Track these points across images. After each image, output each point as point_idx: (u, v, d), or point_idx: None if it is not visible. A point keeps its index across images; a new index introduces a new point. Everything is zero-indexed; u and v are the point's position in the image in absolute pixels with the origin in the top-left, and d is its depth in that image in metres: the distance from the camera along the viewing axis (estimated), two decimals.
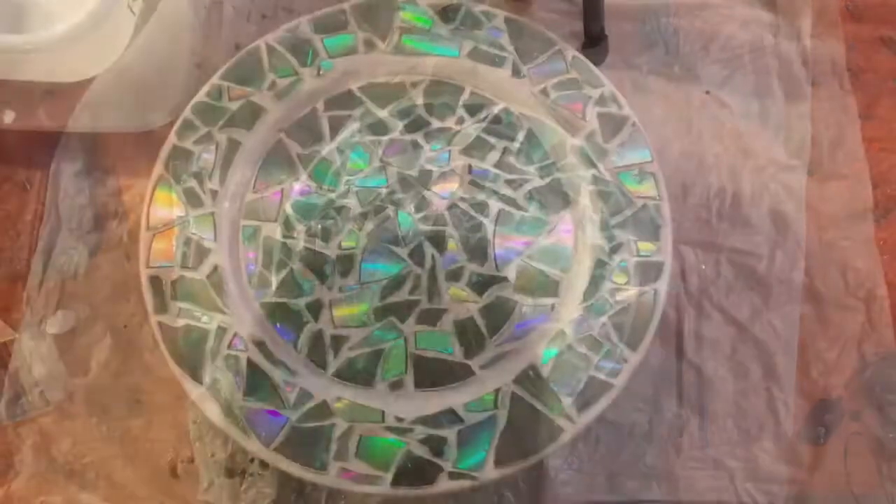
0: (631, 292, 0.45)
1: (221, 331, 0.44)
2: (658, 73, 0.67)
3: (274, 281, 0.46)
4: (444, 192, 0.48)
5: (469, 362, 0.44)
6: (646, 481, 0.57)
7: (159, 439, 0.57)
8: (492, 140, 0.49)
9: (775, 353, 0.60)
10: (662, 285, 0.45)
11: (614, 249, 0.46)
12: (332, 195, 0.48)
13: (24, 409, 0.58)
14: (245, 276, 0.46)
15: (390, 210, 0.48)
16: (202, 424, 0.56)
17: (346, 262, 0.46)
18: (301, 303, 0.45)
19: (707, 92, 0.67)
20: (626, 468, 0.57)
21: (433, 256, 0.47)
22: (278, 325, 0.45)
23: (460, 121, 0.49)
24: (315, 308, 0.45)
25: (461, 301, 0.46)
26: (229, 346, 0.43)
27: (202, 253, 0.45)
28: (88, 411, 0.58)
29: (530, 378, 0.43)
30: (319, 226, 0.47)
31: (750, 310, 0.61)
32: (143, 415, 0.58)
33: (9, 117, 0.64)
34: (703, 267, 0.61)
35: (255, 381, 0.43)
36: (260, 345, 0.44)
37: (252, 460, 0.56)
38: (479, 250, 0.47)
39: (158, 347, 0.59)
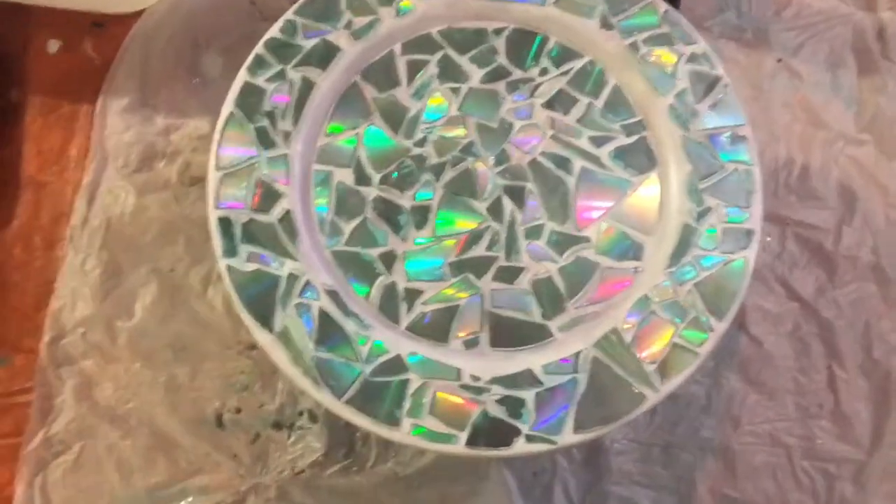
0: (719, 259, 0.43)
1: (293, 278, 0.42)
2: (729, 37, 0.65)
3: (346, 229, 0.44)
4: (525, 145, 0.46)
5: (548, 323, 0.43)
6: (701, 454, 0.56)
7: (205, 388, 0.56)
8: (576, 94, 0.47)
9: (838, 331, 0.59)
10: (752, 254, 0.44)
11: (703, 214, 0.44)
12: (408, 143, 0.46)
13: (65, 351, 0.57)
14: (316, 222, 0.44)
15: (469, 162, 0.46)
16: (252, 375, 0.55)
17: (421, 214, 0.44)
18: (374, 253, 0.44)
19: (779, 60, 0.65)
20: (683, 440, 0.56)
21: (512, 212, 0.45)
22: (350, 275, 0.43)
23: (544, 72, 0.47)
24: (388, 259, 0.44)
25: (540, 260, 0.44)
26: (300, 294, 0.42)
27: (273, 196, 0.43)
28: (132, 356, 0.56)
29: (612, 343, 0.42)
30: (395, 174, 0.45)
31: (814, 286, 0.60)
32: (188, 362, 0.56)
33: (53, 47, 0.62)
34: (769, 239, 0.60)
35: (328, 332, 0.41)
36: (332, 294, 0.42)
37: (301, 413, 0.55)
38: (560, 208, 0.45)
39: (206, 294, 0.58)
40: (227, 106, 0.45)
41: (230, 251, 0.42)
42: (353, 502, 0.54)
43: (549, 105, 0.47)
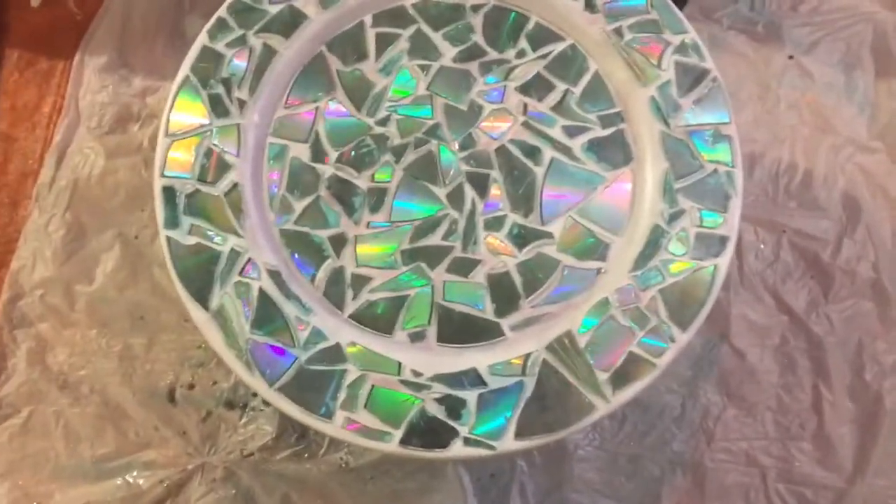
0: (687, 265, 0.41)
1: (235, 254, 0.40)
2: (739, 29, 0.62)
3: (297, 207, 0.42)
4: (494, 131, 0.44)
5: (500, 321, 0.41)
6: (670, 468, 0.54)
7: (160, 360, 0.55)
8: (553, 80, 0.45)
9: (828, 348, 0.56)
10: (724, 262, 0.41)
11: (675, 216, 0.42)
12: (371, 121, 0.44)
13: (22, 312, 0.56)
14: (266, 198, 0.42)
15: (432, 144, 0.43)
16: (207, 350, 0.54)
17: (377, 197, 0.42)
18: (324, 235, 0.42)
19: (790, 57, 0.62)
20: (651, 452, 0.54)
21: (473, 200, 0.43)
22: (296, 255, 0.41)
23: (521, 54, 0.45)
24: (338, 242, 0.42)
25: (498, 253, 0.42)
26: (241, 273, 0.40)
27: (223, 167, 0.42)
28: (89, 322, 0.55)
29: (565, 346, 0.40)
30: (353, 153, 0.43)
31: (807, 299, 0.57)
32: (145, 333, 0.55)
33: (36, 0, 0.60)
34: (763, 247, 0.57)
35: (266, 314, 0.39)
36: (274, 275, 0.40)
37: (255, 395, 0.54)
38: (524, 200, 0.43)
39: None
40: (183, 70, 0.43)
41: (172, 222, 0.41)
42: (301, 489, 0.52)
43: (524, 90, 0.45)
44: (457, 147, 0.44)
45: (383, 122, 0.44)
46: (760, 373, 0.55)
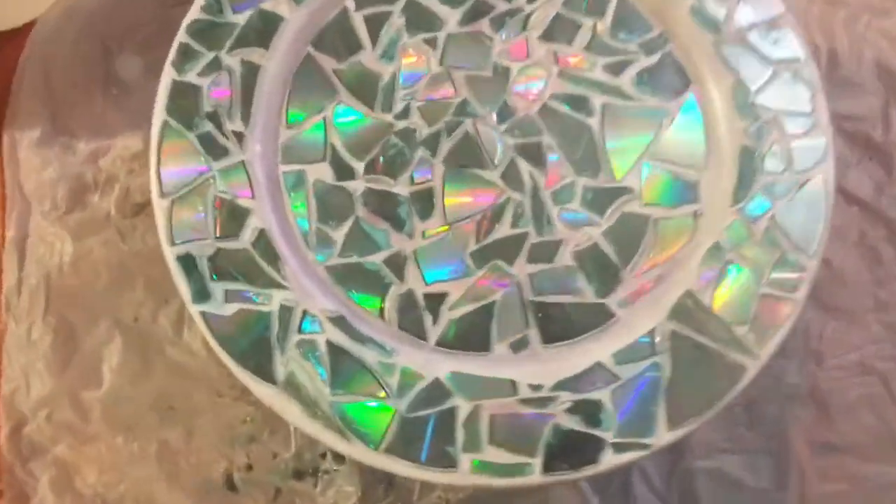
0: (793, 181, 0.36)
1: (286, 311, 0.34)
2: None
3: (337, 237, 0.36)
4: (530, 92, 0.38)
5: (604, 301, 0.35)
6: (788, 403, 0.49)
7: (205, 448, 0.48)
8: (576, 17, 0.39)
9: None
10: (829, 167, 0.36)
11: (760, 131, 0.36)
12: (389, 117, 0.37)
13: (31, 440, 0.48)
14: (299, 236, 0.36)
15: (467, 125, 0.37)
16: (256, 422, 0.47)
17: (424, 200, 0.36)
18: (377, 260, 0.36)
19: None
20: (764, 392, 0.49)
21: (532, 175, 0.37)
22: (355, 292, 0.35)
23: None
24: (396, 264, 0.36)
25: (578, 226, 0.36)
26: (300, 330, 0.33)
27: (240, 215, 0.35)
28: (111, 430, 0.48)
29: (689, 309, 0.34)
30: (381, 159, 0.37)
31: (872, 185, 0.53)
32: (179, 423, 0.48)
33: None
34: None
35: (343, 368, 0.33)
36: (338, 321, 0.34)
37: (324, 455, 0.47)
38: (588, 159, 0.37)
39: (181, 338, 0.49)
40: (158, 115, 0.36)
41: (201, 294, 0.34)
42: None
43: (548, 36, 0.39)
44: (494, 120, 0.38)
45: (404, 114, 0.38)
46: (849, 275, 0.51)
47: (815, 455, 0.48)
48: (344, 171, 0.37)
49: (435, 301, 0.36)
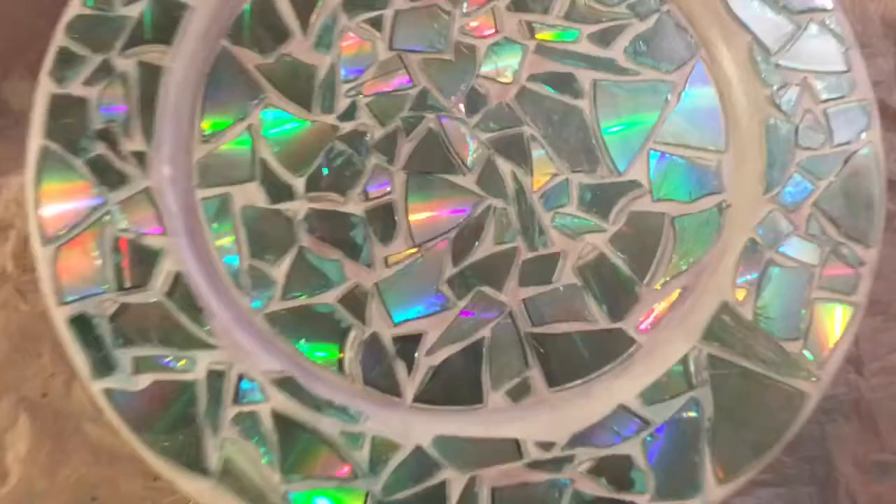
0: (835, 157, 0.29)
1: (216, 377, 0.26)
2: None
3: (277, 275, 0.28)
4: (503, 73, 0.30)
5: (621, 326, 0.28)
6: (829, 419, 0.42)
7: None
8: None
9: None
10: (876, 135, 0.29)
11: (787, 98, 0.29)
12: (331, 119, 0.30)
13: None
14: (228, 278, 0.28)
15: (430, 120, 0.30)
16: None
17: (383, 218, 0.29)
18: (330, 299, 0.28)
19: None
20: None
21: (515, 176, 0.29)
22: (305, 342, 0.27)
23: None
24: (355, 302, 0.28)
25: (579, 234, 0.29)
26: (236, 400, 0.26)
27: (148, 257, 0.27)
28: None
29: (728, 327, 0.27)
30: (325, 171, 0.29)
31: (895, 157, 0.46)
32: None
33: None
34: None
35: (296, 445, 0.25)
36: (285, 384, 0.26)
37: None
38: (581, 149, 0.30)
39: (103, 414, 0.41)
40: (34, 139, 0.28)
41: (103, 366, 0.26)
42: None
43: (519, 5, 0.32)
44: (463, 111, 0.30)
45: (349, 114, 0.30)
46: (882, 263, 0.44)
47: (867, 478, 0.41)
48: (280, 191, 0.29)
49: (408, 345, 0.28)
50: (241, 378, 0.27)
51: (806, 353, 0.27)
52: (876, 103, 0.45)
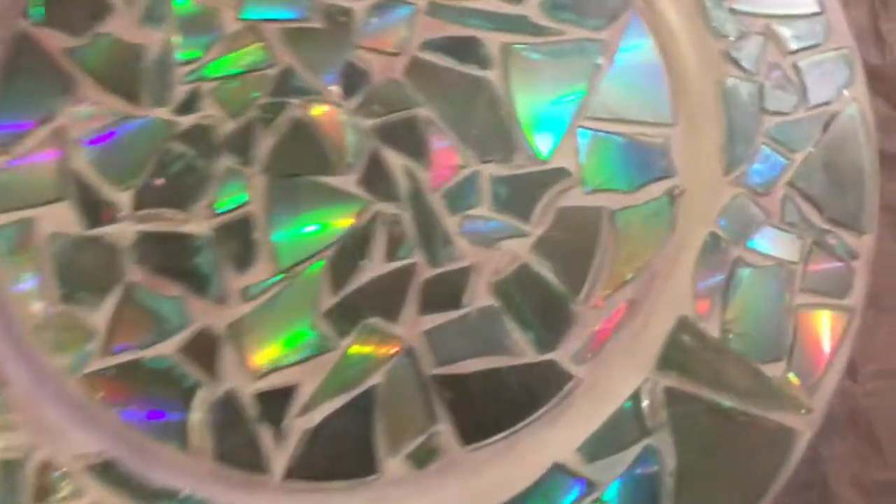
0: (811, 120, 0.22)
1: (12, 467, 0.19)
2: None
3: (98, 323, 0.21)
4: (387, 43, 0.24)
5: (553, 357, 0.22)
6: (825, 436, 0.36)
7: None
8: None
9: None
10: (861, 91, 0.23)
11: (748, 53, 0.23)
12: (165, 112, 0.23)
13: None
14: (30, 329, 0.21)
15: (294, 107, 0.23)
16: None
17: (238, 238, 0.22)
18: (168, 350, 0.21)
19: None
20: None
21: (409, 171, 0.23)
22: (135, 409, 0.20)
23: None
24: (203, 351, 0.21)
25: (494, 241, 0.22)
26: (39, 497, 0.19)
27: None
28: None
29: (688, 348, 0.21)
30: (157, 181, 0.22)
31: (878, 124, 0.40)
32: None
33: None
34: None
35: None
36: (107, 471, 0.19)
37: None
38: (494, 134, 0.23)
39: None
40: None
41: None
42: None
43: None
44: (339, 94, 0.24)
45: (189, 105, 0.23)
46: (876, 252, 0.38)
47: (869, 502, 0.35)
48: (98, 211, 0.22)
49: (275, 404, 0.21)
50: (47, 467, 0.20)
51: (791, 377, 0.21)
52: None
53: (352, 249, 0.23)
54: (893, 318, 0.38)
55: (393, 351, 0.22)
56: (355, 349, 0.22)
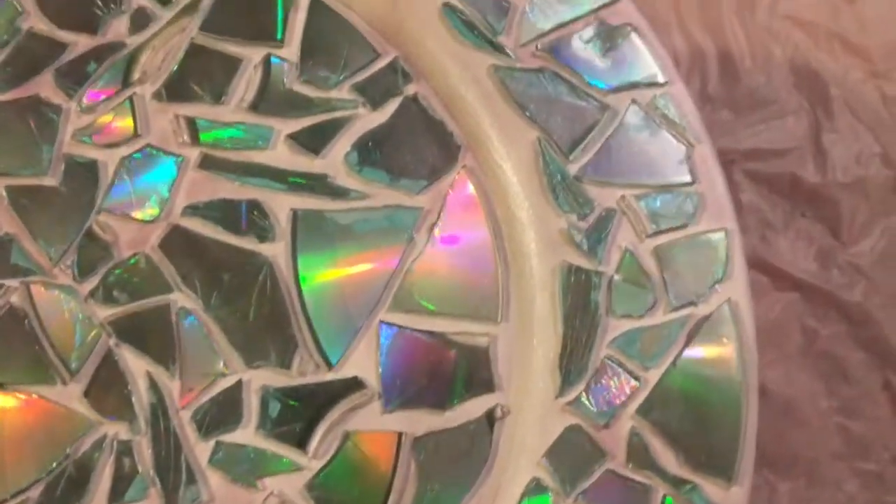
0: (669, 323, 0.18)
1: None
2: None
3: None
4: (142, 205, 0.19)
5: None
6: None
7: None
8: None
9: (875, 312, 0.36)
10: (738, 286, 0.18)
11: (595, 235, 0.19)
12: None
13: None
14: None
15: (11, 291, 0.19)
16: None
17: None
18: None
19: None
20: None
21: (152, 379, 0.18)
22: None
23: None
24: None
25: (256, 476, 0.17)
26: None
27: None
28: None
29: None
30: None
31: (813, 252, 0.36)
32: None
33: None
34: None
35: None
36: None
37: None
38: (267, 328, 0.19)
39: None
40: None
41: None
42: None
43: (173, 91, 0.21)
44: (70, 273, 0.19)
45: None
46: (799, 403, 0.34)
47: None
48: None
49: None
50: None
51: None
52: (783, 181, 0.35)
53: (64, 490, 0.18)
54: (829, 490, 0.34)
55: None
56: None
